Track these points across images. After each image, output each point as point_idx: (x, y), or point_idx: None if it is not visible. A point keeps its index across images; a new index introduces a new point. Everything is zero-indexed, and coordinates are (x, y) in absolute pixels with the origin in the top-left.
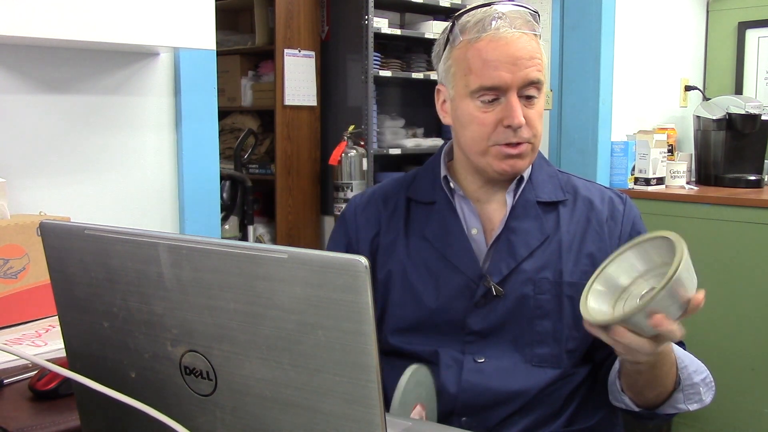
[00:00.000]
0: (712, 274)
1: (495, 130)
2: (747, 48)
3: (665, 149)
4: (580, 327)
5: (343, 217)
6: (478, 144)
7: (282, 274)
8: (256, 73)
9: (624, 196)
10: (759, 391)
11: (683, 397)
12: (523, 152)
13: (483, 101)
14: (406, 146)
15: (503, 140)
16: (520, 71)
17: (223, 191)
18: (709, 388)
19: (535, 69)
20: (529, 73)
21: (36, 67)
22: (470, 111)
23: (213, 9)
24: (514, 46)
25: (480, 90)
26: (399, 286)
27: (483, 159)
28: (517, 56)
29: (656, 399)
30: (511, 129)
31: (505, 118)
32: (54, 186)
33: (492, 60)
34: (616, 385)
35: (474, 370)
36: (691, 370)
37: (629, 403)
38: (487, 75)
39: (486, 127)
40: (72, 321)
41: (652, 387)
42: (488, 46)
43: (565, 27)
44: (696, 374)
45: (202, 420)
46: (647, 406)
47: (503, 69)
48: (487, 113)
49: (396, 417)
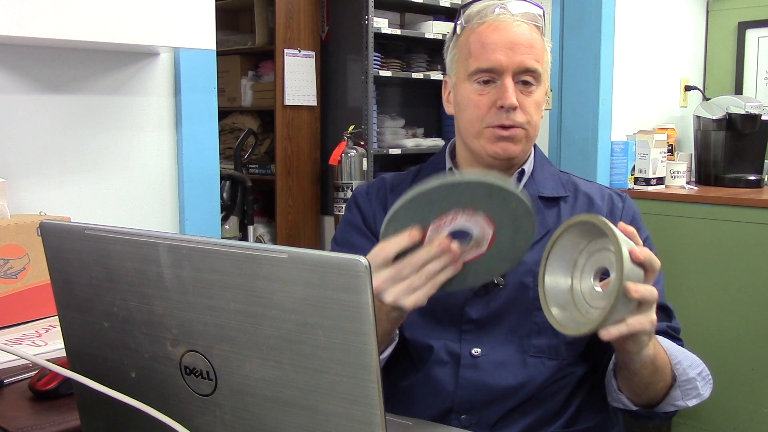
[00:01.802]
0: (712, 274)
1: (489, 112)
2: (747, 48)
3: (665, 149)
4: None
5: (354, 200)
6: (473, 125)
7: (282, 274)
8: (256, 73)
9: (624, 195)
10: (759, 391)
11: (681, 393)
12: (515, 135)
13: (479, 83)
14: (406, 146)
15: (496, 121)
16: (516, 56)
17: (223, 191)
18: (706, 381)
19: (532, 58)
20: (525, 60)
21: (36, 67)
22: (467, 94)
23: (213, 9)
24: (512, 31)
25: (477, 72)
26: None
27: (477, 141)
28: (515, 41)
29: (654, 397)
30: (504, 110)
31: (499, 99)
32: (54, 186)
33: (490, 43)
34: (612, 384)
35: (470, 366)
36: (685, 365)
37: (627, 403)
38: (484, 57)
39: (480, 109)
40: (72, 321)
41: (648, 384)
42: (487, 30)
43: (565, 27)
44: (691, 369)
45: (202, 420)
46: (645, 404)
47: (499, 52)
48: (483, 95)
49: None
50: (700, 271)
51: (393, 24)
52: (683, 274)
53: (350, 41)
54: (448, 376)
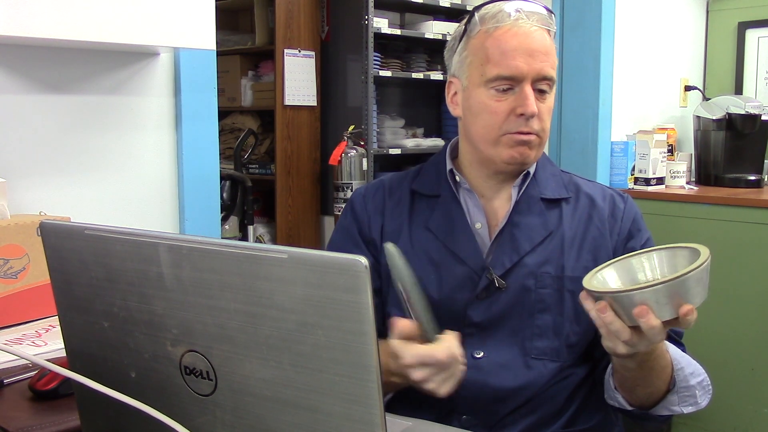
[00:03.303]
0: (712, 274)
1: (507, 119)
2: (747, 48)
3: (665, 149)
4: (581, 321)
5: (351, 205)
6: (489, 133)
7: (282, 274)
8: (256, 73)
9: (625, 195)
10: (759, 391)
11: (678, 399)
12: (532, 141)
13: (497, 90)
14: (406, 146)
15: (515, 128)
16: (536, 63)
17: (223, 191)
18: (705, 391)
19: (549, 65)
20: (544, 68)
21: (36, 67)
22: (482, 100)
23: (213, 9)
24: (531, 38)
25: (497, 79)
26: None
27: (493, 149)
28: (534, 48)
29: (649, 399)
30: (524, 118)
31: (519, 107)
32: (54, 186)
33: (510, 50)
34: (609, 383)
35: (472, 367)
36: (687, 372)
37: (622, 402)
38: (504, 64)
39: (498, 116)
40: (72, 321)
41: (644, 386)
42: (506, 35)
43: (565, 27)
44: (692, 377)
45: (202, 420)
46: (640, 405)
47: (520, 59)
48: (501, 102)
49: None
50: None
51: (393, 24)
52: None
53: (350, 41)
54: None
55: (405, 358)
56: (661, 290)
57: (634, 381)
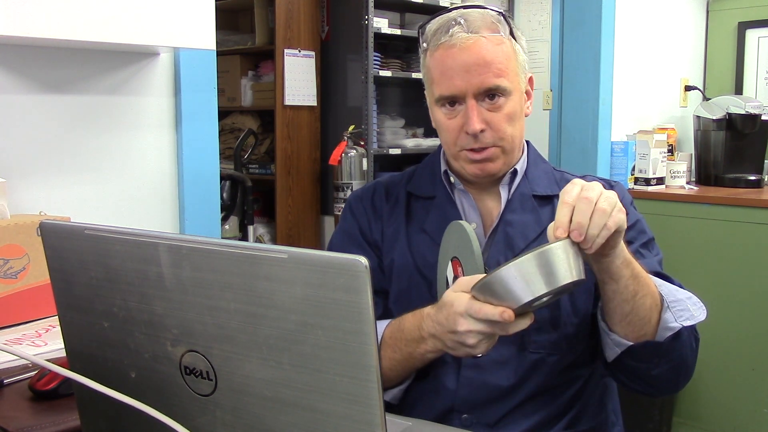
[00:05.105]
0: (712, 274)
1: (459, 136)
2: (747, 48)
3: (665, 149)
4: (578, 313)
5: (349, 207)
6: (449, 149)
7: (282, 274)
8: (256, 73)
9: (613, 182)
10: (759, 391)
11: (672, 315)
12: (490, 156)
13: (446, 108)
14: (406, 146)
15: (467, 146)
16: (474, 78)
17: (223, 191)
18: (698, 306)
19: (492, 75)
20: (485, 80)
21: (36, 67)
22: (438, 117)
23: (213, 9)
24: (467, 52)
25: (440, 99)
26: (399, 278)
27: (456, 163)
28: (471, 63)
29: (646, 325)
30: (471, 135)
31: (465, 125)
32: (54, 186)
33: (447, 69)
34: (604, 328)
35: (472, 365)
36: (671, 288)
37: (620, 341)
38: (444, 84)
39: (452, 133)
40: (72, 321)
41: (636, 308)
42: (443, 55)
43: (565, 27)
44: (678, 292)
45: (202, 420)
46: (640, 336)
47: (456, 77)
48: (452, 120)
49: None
50: (700, 271)
51: (393, 24)
52: (683, 274)
53: (350, 41)
54: (449, 376)
55: (459, 306)
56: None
57: (627, 304)
